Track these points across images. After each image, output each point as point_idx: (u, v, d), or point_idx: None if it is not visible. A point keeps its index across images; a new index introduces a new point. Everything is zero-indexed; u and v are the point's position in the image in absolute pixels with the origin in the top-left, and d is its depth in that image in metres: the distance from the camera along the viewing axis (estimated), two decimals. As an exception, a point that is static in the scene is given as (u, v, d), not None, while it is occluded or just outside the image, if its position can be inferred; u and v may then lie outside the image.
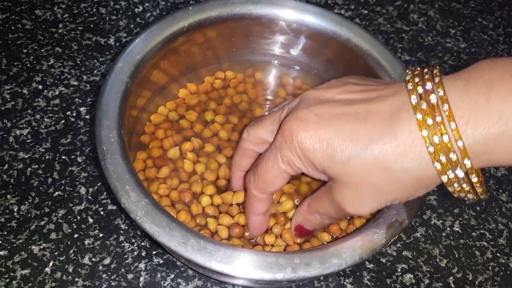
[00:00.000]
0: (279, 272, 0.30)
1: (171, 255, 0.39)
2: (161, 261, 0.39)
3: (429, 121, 0.25)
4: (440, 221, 0.44)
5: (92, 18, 0.54)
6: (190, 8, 0.40)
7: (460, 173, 0.26)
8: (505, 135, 0.24)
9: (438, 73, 0.26)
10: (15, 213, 0.40)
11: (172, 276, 0.38)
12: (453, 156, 0.25)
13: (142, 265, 0.39)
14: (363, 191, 0.28)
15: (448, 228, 0.44)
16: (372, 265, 0.41)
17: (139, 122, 0.41)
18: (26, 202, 0.41)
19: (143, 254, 0.39)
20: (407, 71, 0.28)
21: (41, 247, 0.39)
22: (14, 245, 0.38)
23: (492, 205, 0.46)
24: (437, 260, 0.42)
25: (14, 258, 0.38)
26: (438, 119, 0.25)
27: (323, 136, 0.28)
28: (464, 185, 0.27)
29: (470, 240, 0.43)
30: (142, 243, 0.40)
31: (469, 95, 0.25)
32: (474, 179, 0.26)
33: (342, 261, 0.30)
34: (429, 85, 0.26)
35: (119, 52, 0.38)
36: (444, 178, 0.26)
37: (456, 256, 0.42)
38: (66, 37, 0.52)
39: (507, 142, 0.24)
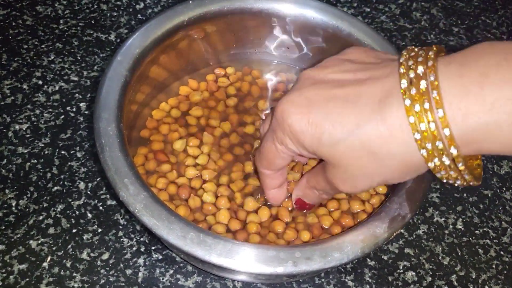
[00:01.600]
0: (279, 265, 0.29)
1: (170, 251, 0.39)
2: (160, 257, 0.39)
3: (417, 108, 0.24)
4: (443, 219, 0.43)
5: (93, 14, 0.53)
6: (190, 2, 0.40)
7: (447, 161, 0.25)
8: (497, 124, 0.23)
9: (433, 56, 0.25)
10: (13, 208, 0.40)
11: (171, 271, 0.38)
12: (439, 144, 0.25)
13: (141, 261, 0.38)
14: (352, 173, 0.28)
15: (451, 226, 0.43)
16: (373, 262, 0.40)
17: (139, 118, 0.41)
18: (25, 196, 0.40)
19: (142, 249, 0.39)
20: (403, 52, 0.27)
21: (39, 242, 0.38)
22: (12, 239, 0.38)
23: (495, 203, 0.45)
24: (440, 257, 0.41)
25: (12, 252, 0.37)
26: (426, 105, 0.24)
27: (312, 119, 0.28)
28: (452, 172, 0.26)
29: (473, 238, 0.43)
30: (141, 239, 0.39)
31: (462, 82, 0.24)
32: (461, 167, 0.26)
33: (343, 255, 0.30)
34: (420, 69, 0.25)
35: (119, 48, 0.37)
36: (431, 165, 0.26)
37: (459, 254, 0.42)
38: (66, 33, 0.51)
39: (498, 132, 0.24)
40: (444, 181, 0.27)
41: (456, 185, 0.28)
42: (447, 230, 0.43)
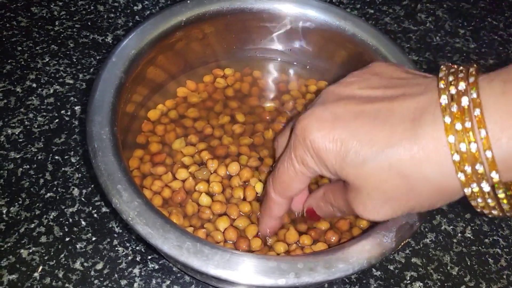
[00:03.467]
0: (281, 277, 0.27)
1: (166, 260, 0.37)
2: (156, 267, 0.37)
3: (458, 126, 0.22)
4: (451, 227, 0.42)
5: (90, 15, 0.52)
6: (188, 1, 0.39)
7: (486, 187, 0.23)
8: None
9: (474, 72, 0.23)
10: (4, 215, 0.38)
11: (168, 282, 0.36)
12: (479, 168, 0.22)
13: (136, 271, 0.37)
14: (376, 198, 0.26)
15: (459, 234, 0.41)
16: (379, 273, 0.38)
17: (135, 120, 0.39)
18: (16, 203, 0.39)
19: (137, 259, 0.37)
20: (442, 67, 0.25)
21: (30, 251, 0.37)
22: (2, 248, 0.36)
23: (505, 210, 0.43)
24: (448, 267, 0.39)
25: (2, 262, 0.36)
26: (468, 124, 0.22)
27: (338, 136, 0.26)
28: (489, 200, 0.24)
29: (483, 247, 0.41)
30: (137, 247, 0.38)
31: (506, 99, 0.22)
32: (501, 195, 0.23)
33: (348, 266, 0.28)
34: (462, 85, 0.23)
35: (116, 50, 0.36)
36: (467, 191, 0.24)
37: (468, 263, 0.40)
38: (62, 35, 0.50)
39: None
40: (479, 210, 0.25)
41: (490, 215, 0.25)
42: (455, 238, 0.41)
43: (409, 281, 0.38)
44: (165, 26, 0.38)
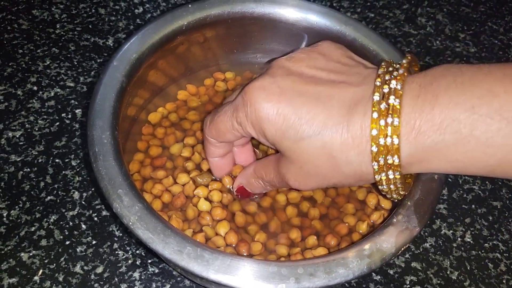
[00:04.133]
0: (281, 282, 0.28)
1: (167, 264, 0.37)
2: (156, 270, 0.37)
3: (382, 122, 0.26)
4: (451, 231, 0.42)
5: (91, 19, 0.52)
6: (190, 6, 0.39)
7: (391, 175, 0.27)
8: (444, 143, 0.25)
9: (404, 73, 0.27)
10: (4, 218, 0.38)
11: (168, 286, 0.36)
12: (389, 159, 0.26)
13: (136, 274, 0.37)
14: (307, 171, 0.29)
15: (459, 239, 0.42)
16: (379, 277, 0.38)
17: (136, 123, 0.39)
18: (17, 207, 0.39)
19: (137, 262, 0.37)
20: (382, 63, 0.28)
21: (31, 254, 0.37)
22: (2, 252, 0.36)
23: (505, 215, 0.43)
24: (448, 272, 0.40)
25: (2, 265, 0.36)
26: (389, 120, 0.25)
27: (282, 110, 0.28)
28: (392, 186, 0.28)
29: (483, 251, 0.41)
30: (137, 251, 0.38)
31: (417, 102, 0.25)
32: (397, 176, 0.27)
33: (349, 271, 0.28)
34: (393, 84, 0.26)
35: (117, 53, 0.36)
36: (378, 178, 0.27)
37: (468, 268, 0.40)
38: (63, 38, 0.50)
39: (446, 151, 0.25)
40: (383, 193, 0.29)
41: (391, 199, 0.30)
42: (455, 243, 0.41)
43: (409, 286, 0.38)
44: (166, 30, 0.38)
